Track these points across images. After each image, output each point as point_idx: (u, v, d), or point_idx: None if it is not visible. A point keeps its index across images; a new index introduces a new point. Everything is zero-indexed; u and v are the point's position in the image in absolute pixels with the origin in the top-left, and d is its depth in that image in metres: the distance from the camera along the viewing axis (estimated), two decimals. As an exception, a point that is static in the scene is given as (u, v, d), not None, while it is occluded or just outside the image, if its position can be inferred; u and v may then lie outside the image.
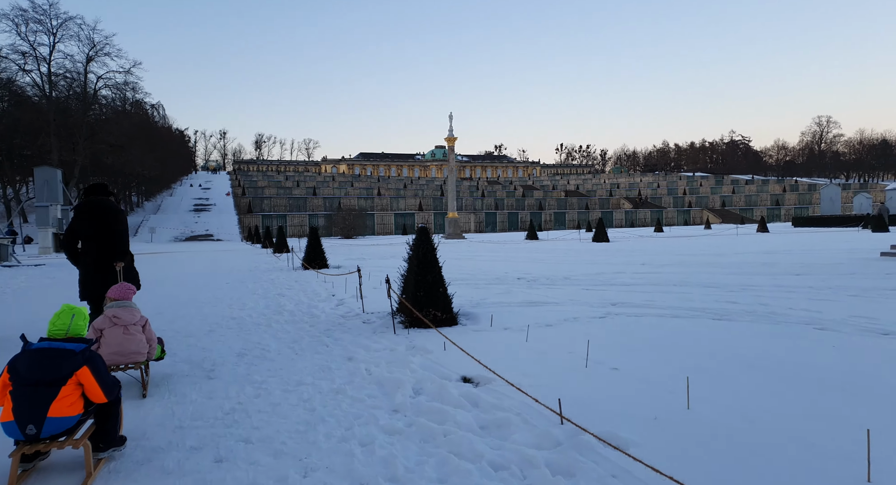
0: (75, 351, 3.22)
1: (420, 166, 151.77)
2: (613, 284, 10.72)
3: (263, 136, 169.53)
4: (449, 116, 48.49)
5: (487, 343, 5.85)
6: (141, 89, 58.94)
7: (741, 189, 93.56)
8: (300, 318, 8.24)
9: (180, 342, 6.77)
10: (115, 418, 3.48)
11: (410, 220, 66.11)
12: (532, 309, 7.99)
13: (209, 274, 16.32)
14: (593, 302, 8.41)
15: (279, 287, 12.16)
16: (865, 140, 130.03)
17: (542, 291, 10.01)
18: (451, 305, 7.34)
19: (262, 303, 9.89)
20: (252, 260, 22.28)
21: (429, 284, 7.19)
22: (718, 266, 13.79)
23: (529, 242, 34.36)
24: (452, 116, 48.54)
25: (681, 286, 10.05)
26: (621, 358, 5.06)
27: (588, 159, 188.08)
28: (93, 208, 5.91)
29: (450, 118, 48.61)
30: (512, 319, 7.21)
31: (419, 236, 7.41)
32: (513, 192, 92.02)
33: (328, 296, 10.36)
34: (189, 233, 54.51)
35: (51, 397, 3.05)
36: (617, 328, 6.40)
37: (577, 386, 4.30)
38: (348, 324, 7.62)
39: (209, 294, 11.42)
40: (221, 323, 8.04)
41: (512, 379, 4.28)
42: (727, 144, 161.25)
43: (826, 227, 46.36)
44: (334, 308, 8.97)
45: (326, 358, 5.76)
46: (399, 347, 5.98)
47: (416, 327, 7.03)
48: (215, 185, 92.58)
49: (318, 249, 17.20)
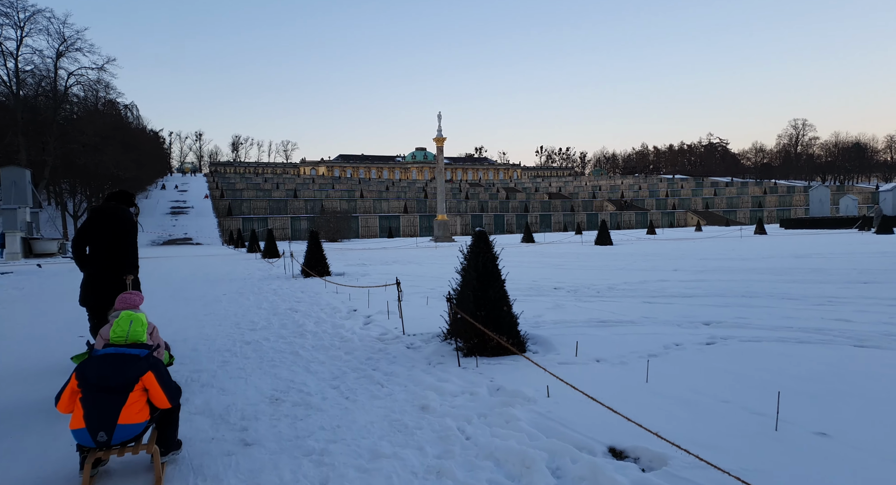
0: (140, 356, 3.27)
1: (401, 168, 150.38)
2: (670, 295, 9.51)
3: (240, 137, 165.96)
4: (437, 116, 47.24)
5: (592, 384, 4.54)
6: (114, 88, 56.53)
7: (722, 191, 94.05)
8: (329, 342, 6.83)
9: (190, 380, 5.33)
10: (176, 423, 3.54)
11: (395, 222, 64.63)
12: (608, 331, 6.71)
13: (200, 283, 14.72)
14: (674, 320, 7.17)
15: (287, 300, 10.69)
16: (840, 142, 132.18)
17: (597, 304, 8.76)
18: (518, 327, 6.04)
19: (274, 321, 8.43)
20: (242, 266, 20.63)
21: (491, 302, 5.88)
22: (763, 273, 12.71)
23: (527, 245, 33.18)
24: (441, 116, 47.31)
25: (752, 298, 8.87)
26: (809, 413, 3.78)
27: (568, 162, 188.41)
28: (101, 215, 5.68)
29: (438, 118, 47.35)
30: (596, 345, 5.92)
31: (477, 243, 6.08)
32: (496, 194, 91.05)
33: (349, 311, 8.95)
34: (167, 237, 52.20)
35: (120, 404, 3.11)
36: (747, 362, 5.13)
37: (796, 469, 3.01)
38: (391, 350, 6.26)
39: (207, 309, 9.91)
40: (234, 349, 6.59)
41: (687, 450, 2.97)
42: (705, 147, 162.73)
43: (818, 228, 46.17)
44: (364, 328, 7.57)
45: (390, 406, 4.39)
46: (479, 389, 4.64)
47: (479, 356, 5.72)
48: (192, 187, 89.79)
49: (318, 254, 15.72)
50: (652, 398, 4.17)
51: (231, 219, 60.03)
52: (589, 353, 5.63)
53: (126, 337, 3.38)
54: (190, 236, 53.55)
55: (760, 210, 79.04)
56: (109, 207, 5.75)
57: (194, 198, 77.24)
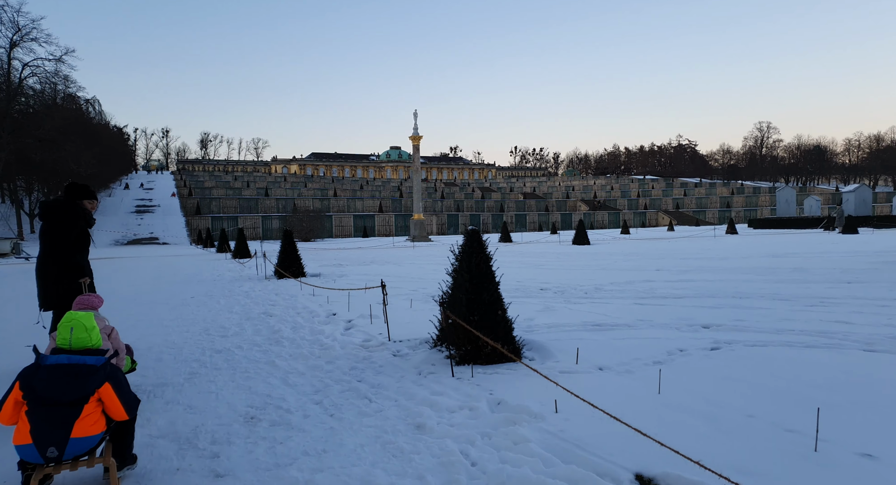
0: (96, 366, 3.01)
1: (375, 167, 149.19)
2: (660, 296, 9.25)
3: (209, 135, 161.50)
4: (413, 114, 46.76)
5: (600, 395, 4.15)
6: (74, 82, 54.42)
7: (691, 192, 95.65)
8: (308, 349, 6.32)
9: (153, 395, 4.79)
10: (131, 435, 3.30)
11: (370, 222, 63.85)
12: (606, 335, 6.37)
13: (167, 285, 13.96)
14: (671, 323, 6.87)
15: (261, 303, 10.10)
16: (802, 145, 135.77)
17: (588, 306, 8.43)
18: (513, 332, 5.64)
19: (247, 326, 7.86)
20: (212, 267, 19.81)
21: (485, 305, 5.47)
22: (747, 272, 12.59)
23: (505, 245, 32.92)
24: (417, 114, 46.84)
25: (744, 299, 8.66)
26: (845, 429, 3.46)
27: (542, 162, 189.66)
28: (45, 210, 5.25)
29: (414, 116, 46.86)
30: (596, 351, 5.55)
31: (470, 242, 5.65)
32: (471, 194, 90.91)
33: (328, 315, 8.43)
34: (132, 236, 50.46)
35: (73, 417, 2.87)
36: (759, 369, 4.81)
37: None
38: (377, 359, 5.80)
39: (174, 313, 9.26)
40: (203, 359, 6.03)
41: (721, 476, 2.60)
42: (675, 148, 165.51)
43: (785, 228, 47.11)
44: (346, 334, 7.07)
45: (382, 425, 3.94)
46: (479, 403, 4.22)
47: (473, 364, 5.30)
48: (158, 185, 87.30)
49: (293, 254, 15.09)
50: (669, 413, 3.80)
51: (200, 218, 58.44)
52: (590, 360, 5.27)
53: (69, 344, 3.08)
54: (156, 236, 51.89)
55: (728, 210, 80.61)
56: (54, 202, 5.28)
57: (161, 196, 75.07)
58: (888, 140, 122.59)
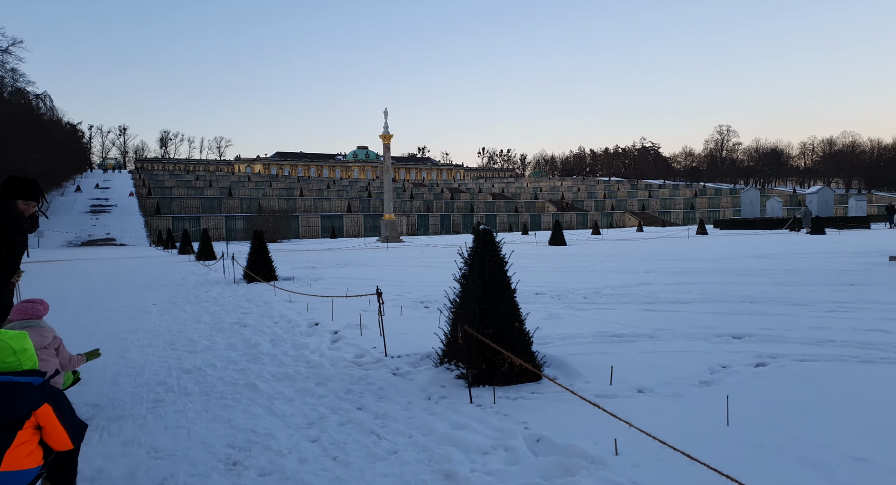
0: (33, 384, 2.48)
1: (341, 167, 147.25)
2: (666, 301, 8.68)
3: (169, 133, 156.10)
4: (384, 113, 45.72)
5: (658, 428, 3.44)
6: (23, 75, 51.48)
7: (656, 193, 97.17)
8: (293, 368, 5.47)
9: (107, 432, 3.90)
10: (74, 471, 2.80)
11: (339, 222, 62.50)
12: (629, 348, 5.72)
13: (125, 290, 12.78)
14: (696, 333, 6.27)
15: (232, 311, 9.13)
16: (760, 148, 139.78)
17: (594, 313, 7.79)
18: (532, 346, 4.94)
19: (219, 339, 6.93)
20: (175, 270, 18.52)
21: (501, 317, 4.78)
22: (740, 274, 12.20)
23: (478, 245, 32.27)
24: (387, 113, 45.87)
25: (756, 304, 8.16)
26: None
27: (509, 163, 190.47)
28: None
29: (385, 115, 45.84)
30: (627, 369, 4.88)
31: (481, 243, 4.94)
32: (440, 194, 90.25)
33: (310, 326, 7.57)
34: (86, 237, 47.92)
35: (4, 446, 2.33)
36: (827, 391, 4.18)
37: None
38: (375, 379, 5.01)
39: (133, 324, 8.24)
40: (170, 382, 5.13)
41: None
42: (639, 151, 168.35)
43: (750, 229, 47.89)
44: (333, 348, 6.25)
45: (400, 472, 3.16)
46: (514, 440, 3.47)
47: (490, 385, 4.56)
48: (115, 184, 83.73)
49: (264, 256, 14.08)
50: (758, 455, 3.13)
51: (160, 218, 56.13)
52: (625, 379, 4.59)
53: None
54: (113, 237, 49.48)
55: (693, 211, 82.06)
56: None
57: (118, 195, 71.89)
58: (840, 144, 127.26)
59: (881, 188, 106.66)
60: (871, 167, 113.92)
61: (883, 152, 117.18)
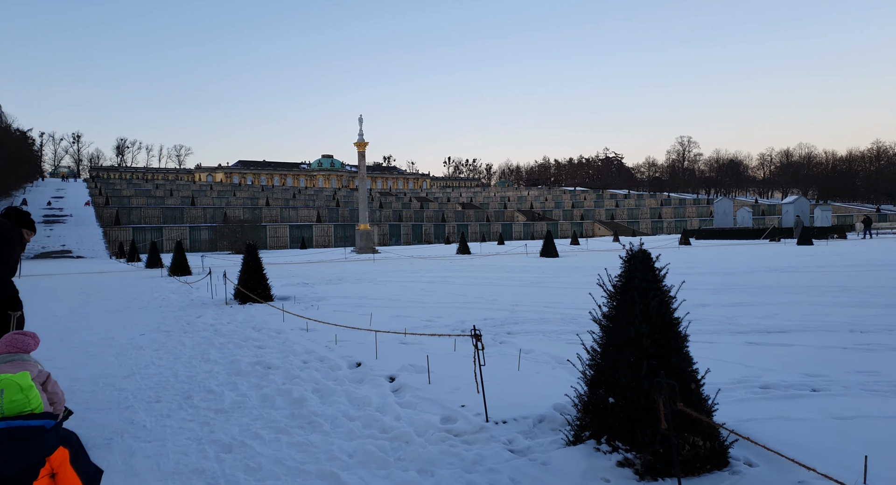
0: (45, 428, 2.29)
1: (306, 176, 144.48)
2: (758, 330, 7.48)
3: (126, 140, 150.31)
4: (359, 120, 44.49)
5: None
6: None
7: (622, 203, 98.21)
8: (374, 443, 4.08)
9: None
10: None
11: (308, 232, 60.54)
12: (803, 407, 4.53)
13: (100, 315, 11.08)
14: (863, 382, 4.89)
15: (243, 345, 7.65)
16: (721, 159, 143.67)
17: (694, 349, 6.67)
18: (713, 418, 3.71)
19: (247, 389, 5.51)
20: (150, 288, 16.70)
21: (674, 376, 3.57)
22: (795, 293, 11.26)
23: (463, 256, 31.17)
24: (362, 120, 44.61)
25: (873, 334, 7.22)
26: None
27: (475, 173, 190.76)
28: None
29: (359, 122, 44.59)
30: (840, 447, 3.68)
31: (640, 271, 3.82)
32: (408, 203, 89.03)
33: (351, 366, 6.27)
34: (39, 249, 44.70)
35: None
36: None
37: None
38: (492, 461, 3.66)
39: (125, 366, 6.72)
40: (209, 468, 3.71)
41: None
42: (602, 161, 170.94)
43: (728, 239, 48.28)
44: (403, 404, 4.93)
45: None
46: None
47: (670, 477, 3.39)
48: (70, 193, 79.47)
49: (258, 272, 12.61)
50: None
51: (119, 229, 53.16)
52: (853, 465, 3.45)
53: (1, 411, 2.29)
54: (69, 249, 46.37)
55: (661, 221, 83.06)
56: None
57: (73, 205, 68.04)
58: (796, 155, 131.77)
59: (835, 199, 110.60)
60: (825, 178, 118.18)
61: (837, 164, 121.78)
